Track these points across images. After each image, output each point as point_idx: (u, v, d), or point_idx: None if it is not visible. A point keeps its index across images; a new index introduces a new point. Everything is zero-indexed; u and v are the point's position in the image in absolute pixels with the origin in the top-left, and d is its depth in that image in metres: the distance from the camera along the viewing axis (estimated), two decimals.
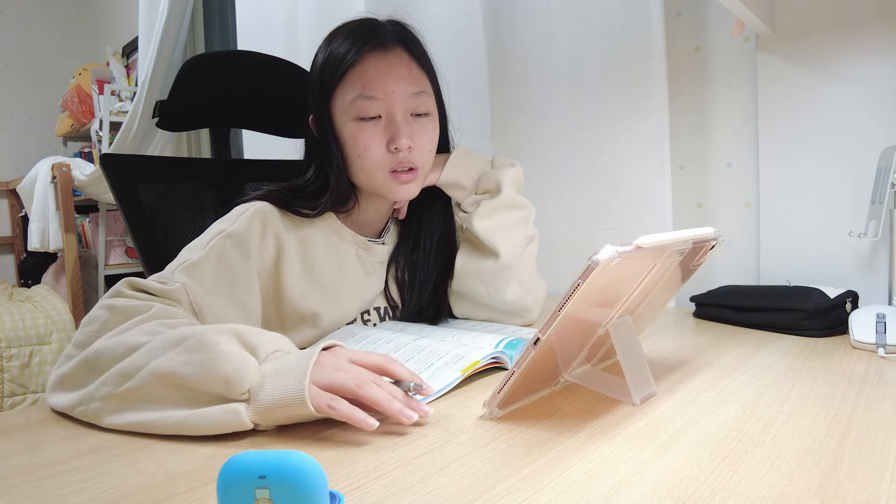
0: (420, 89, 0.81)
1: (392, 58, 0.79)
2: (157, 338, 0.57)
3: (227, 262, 0.73)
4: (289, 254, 0.79)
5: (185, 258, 0.72)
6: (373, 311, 0.90)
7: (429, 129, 0.82)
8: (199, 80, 1.10)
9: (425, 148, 0.82)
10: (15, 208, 3.24)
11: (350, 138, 0.80)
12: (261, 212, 0.78)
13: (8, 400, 2.11)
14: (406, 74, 0.80)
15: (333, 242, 0.85)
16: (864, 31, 0.94)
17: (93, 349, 0.59)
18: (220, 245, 0.73)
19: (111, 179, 0.99)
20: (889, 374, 0.65)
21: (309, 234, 0.82)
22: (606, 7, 1.15)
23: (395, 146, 0.78)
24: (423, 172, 0.83)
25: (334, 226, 0.85)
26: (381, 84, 0.78)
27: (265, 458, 0.32)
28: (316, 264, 0.82)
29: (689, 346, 0.80)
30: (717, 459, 0.45)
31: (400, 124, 0.78)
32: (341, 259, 0.85)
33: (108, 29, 3.37)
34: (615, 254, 0.46)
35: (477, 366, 0.65)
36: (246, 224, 0.76)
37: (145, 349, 0.56)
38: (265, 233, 0.77)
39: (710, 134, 1.14)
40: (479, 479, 0.43)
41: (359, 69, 0.78)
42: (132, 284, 0.67)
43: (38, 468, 0.47)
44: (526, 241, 0.92)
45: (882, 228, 0.86)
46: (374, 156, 0.79)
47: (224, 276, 0.73)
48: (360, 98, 0.78)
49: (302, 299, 0.80)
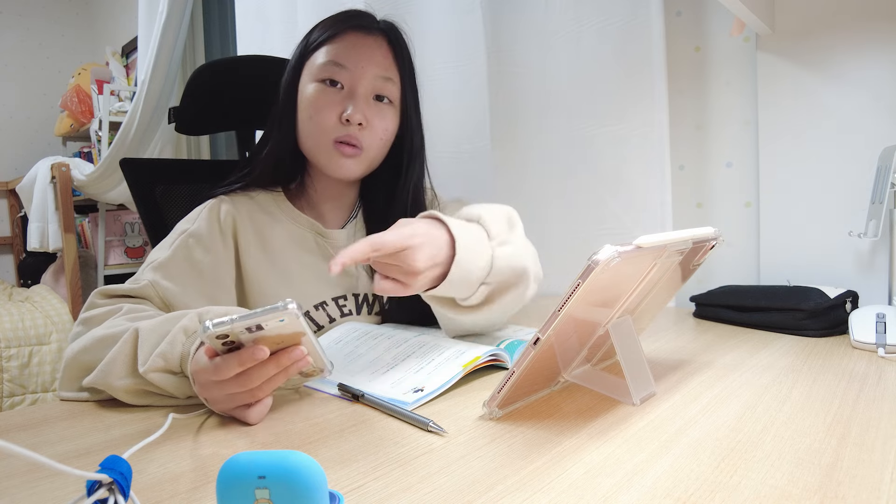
0: (389, 76, 0.83)
1: (371, 41, 0.83)
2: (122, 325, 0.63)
3: (191, 259, 0.78)
4: (246, 243, 0.83)
5: (152, 258, 0.77)
6: (350, 296, 0.88)
7: (386, 116, 0.84)
8: (217, 84, 1.12)
9: (377, 133, 0.83)
10: (14, 208, 3.24)
11: (308, 98, 0.82)
12: (215, 208, 0.83)
13: (7, 400, 2.11)
14: (379, 58, 0.83)
15: (291, 228, 0.87)
16: (864, 31, 0.94)
17: (70, 353, 0.64)
18: (183, 244, 0.78)
19: (130, 182, 1.03)
20: (889, 374, 0.65)
21: (265, 221, 0.85)
22: (606, 7, 1.15)
23: (347, 117, 0.80)
24: (367, 156, 0.84)
25: (289, 211, 0.88)
26: (355, 56, 0.81)
27: (265, 458, 0.32)
28: (275, 251, 0.84)
29: (689, 346, 0.80)
30: (717, 459, 0.45)
31: (359, 99, 0.81)
32: (298, 244, 0.87)
33: (107, 29, 3.37)
34: (615, 254, 0.46)
35: (478, 361, 0.65)
36: (205, 222, 0.81)
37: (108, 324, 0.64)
38: (223, 227, 0.82)
39: (710, 134, 1.14)
40: (479, 479, 0.43)
41: (337, 40, 0.83)
42: (104, 293, 0.72)
43: (38, 468, 0.47)
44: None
45: (882, 228, 0.86)
46: (324, 120, 0.81)
47: (190, 273, 0.77)
48: (331, 63, 0.82)
49: (264, 285, 0.82)
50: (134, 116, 2.07)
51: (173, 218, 1.00)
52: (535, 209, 1.30)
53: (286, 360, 0.53)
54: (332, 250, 0.88)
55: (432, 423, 0.52)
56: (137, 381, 0.59)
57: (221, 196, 0.85)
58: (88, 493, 0.33)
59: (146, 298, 0.73)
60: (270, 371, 0.53)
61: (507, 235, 0.69)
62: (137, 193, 1.03)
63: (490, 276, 0.67)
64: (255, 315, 0.49)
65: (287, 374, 0.55)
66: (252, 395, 0.54)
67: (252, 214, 0.85)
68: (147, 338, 0.59)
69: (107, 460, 0.34)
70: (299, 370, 0.55)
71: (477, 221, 0.69)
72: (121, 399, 0.61)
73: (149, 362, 0.57)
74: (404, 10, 1.40)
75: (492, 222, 0.69)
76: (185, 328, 0.59)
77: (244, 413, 0.55)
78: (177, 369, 0.58)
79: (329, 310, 0.86)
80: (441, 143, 1.42)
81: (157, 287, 0.73)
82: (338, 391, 0.62)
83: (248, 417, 0.55)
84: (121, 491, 0.33)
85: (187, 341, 0.58)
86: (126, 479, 0.34)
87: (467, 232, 0.65)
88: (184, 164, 1.43)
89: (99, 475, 0.33)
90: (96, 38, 3.49)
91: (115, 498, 0.33)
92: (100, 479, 0.33)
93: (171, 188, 1.06)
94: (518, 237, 0.71)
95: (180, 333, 0.59)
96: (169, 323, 0.61)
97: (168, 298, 0.73)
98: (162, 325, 0.61)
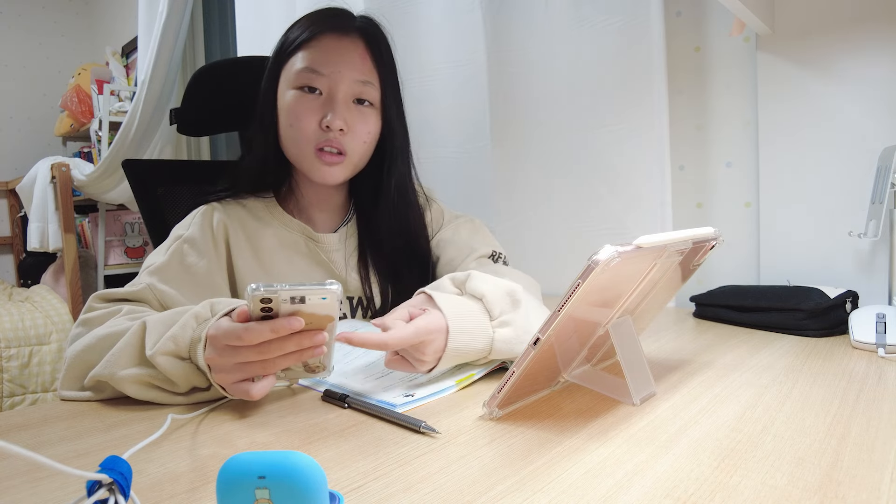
0: (367, 79, 0.82)
1: (347, 43, 0.82)
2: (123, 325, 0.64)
3: (186, 264, 0.78)
4: (238, 248, 0.83)
5: (149, 263, 0.78)
6: (344, 300, 0.89)
7: (368, 120, 0.84)
8: (219, 85, 1.12)
9: (360, 137, 0.83)
10: (14, 208, 3.24)
11: (287, 106, 0.82)
12: (207, 214, 0.84)
13: (7, 400, 2.11)
14: (357, 61, 0.82)
15: (282, 234, 0.87)
16: (864, 31, 0.94)
17: (72, 353, 0.64)
18: (178, 249, 0.79)
19: (133, 183, 1.04)
20: (889, 374, 0.65)
21: (256, 226, 0.86)
22: (606, 7, 1.15)
23: (328, 124, 0.79)
24: (351, 161, 0.83)
25: (280, 216, 0.88)
26: (332, 61, 0.80)
27: (265, 458, 0.32)
28: (267, 257, 0.85)
29: (689, 346, 0.80)
30: (717, 459, 0.45)
31: (338, 104, 0.80)
32: (290, 249, 0.87)
33: (107, 29, 3.37)
34: (615, 254, 0.46)
35: (473, 377, 0.65)
36: (198, 227, 0.82)
37: (111, 323, 0.65)
38: (215, 233, 0.82)
39: (710, 134, 1.14)
40: (479, 479, 0.43)
41: (312, 44, 0.82)
42: (102, 297, 0.73)
43: (38, 468, 0.47)
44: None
45: (882, 228, 0.86)
46: (304, 128, 0.81)
47: (185, 277, 0.77)
48: (307, 70, 0.81)
49: None
50: (134, 116, 2.07)
51: (176, 219, 1.00)
52: (535, 209, 1.30)
53: (308, 341, 0.53)
54: (324, 254, 0.88)
55: (424, 424, 0.52)
56: (143, 371, 0.59)
57: (214, 203, 0.86)
58: (89, 493, 0.33)
59: (144, 302, 0.73)
60: (290, 347, 0.53)
61: (510, 315, 0.66)
62: (140, 194, 1.04)
63: (491, 356, 0.66)
64: (303, 287, 0.51)
65: (301, 357, 0.55)
66: (263, 368, 0.55)
67: (243, 221, 0.85)
68: (155, 327, 0.60)
69: (107, 461, 0.34)
70: (313, 355, 0.55)
71: (480, 300, 0.66)
72: (124, 391, 0.61)
73: (158, 344, 0.58)
74: (404, 10, 1.41)
75: (494, 301, 0.66)
76: (196, 314, 0.60)
77: (247, 387, 0.55)
78: (185, 355, 0.58)
79: None
80: (441, 143, 1.42)
81: (154, 290, 0.73)
82: (326, 399, 0.61)
83: (251, 391, 0.55)
84: (121, 491, 0.33)
85: (198, 327, 0.58)
86: (126, 480, 0.34)
87: (465, 317, 0.63)
88: (186, 165, 1.43)
89: (99, 475, 0.33)
90: (96, 38, 3.49)
91: (116, 498, 0.33)
92: (100, 479, 0.33)
93: (173, 189, 1.06)
94: (521, 316, 0.66)
95: (192, 319, 0.59)
96: (178, 314, 0.61)
97: (165, 301, 0.73)
98: (171, 316, 0.62)
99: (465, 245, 0.90)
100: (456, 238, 0.92)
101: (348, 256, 0.91)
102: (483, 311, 0.65)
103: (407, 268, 0.90)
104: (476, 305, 0.65)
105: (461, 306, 0.64)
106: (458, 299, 0.65)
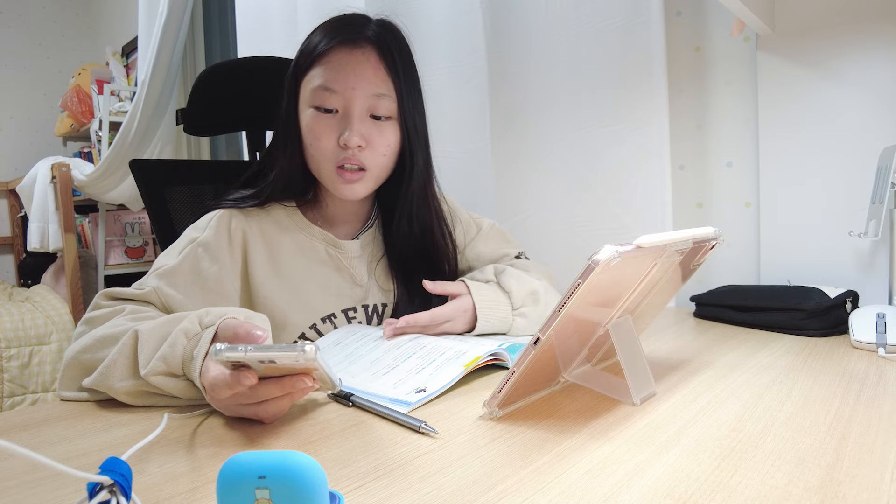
0: (382, 92, 0.80)
1: (359, 56, 0.80)
2: (123, 325, 0.64)
3: (198, 269, 0.77)
4: (256, 255, 0.82)
5: (160, 264, 0.77)
6: (360, 308, 0.88)
7: (386, 133, 0.81)
8: (224, 85, 1.12)
9: (379, 151, 0.81)
10: (15, 208, 3.24)
11: (306, 125, 0.81)
12: (225, 218, 0.82)
13: (8, 400, 2.11)
14: (370, 75, 0.79)
15: (302, 241, 0.86)
16: (864, 31, 0.94)
17: (70, 353, 0.65)
18: (192, 253, 0.78)
19: (140, 184, 1.03)
20: (889, 374, 0.65)
21: (276, 233, 0.85)
22: (606, 7, 1.15)
23: (345, 142, 0.78)
24: (372, 174, 0.82)
25: (301, 223, 0.87)
26: (343, 79, 0.79)
27: (265, 458, 0.32)
28: (283, 263, 0.84)
29: (689, 346, 0.80)
30: (717, 459, 0.45)
31: (354, 121, 0.79)
32: (310, 257, 0.86)
33: (107, 29, 3.37)
34: (615, 254, 0.46)
35: (479, 361, 0.65)
36: (214, 231, 0.80)
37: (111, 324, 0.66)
38: (232, 237, 0.81)
39: (710, 134, 1.14)
40: (479, 479, 0.43)
41: (326, 60, 0.80)
42: (108, 295, 0.72)
43: (38, 468, 0.47)
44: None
45: (882, 228, 0.86)
46: (323, 147, 0.80)
47: (195, 282, 0.76)
48: (321, 88, 0.79)
49: (271, 298, 0.82)
50: (134, 116, 2.07)
51: (182, 219, 0.99)
52: (535, 209, 1.30)
53: (290, 386, 0.52)
54: (345, 261, 0.88)
55: (424, 424, 0.52)
56: (138, 382, 0.59)
57: (232, 209, 0.84)
58: (90, 495, 0.33)
59: (150, 303, 0.73)
60: (274, 392, 0.52)
61: (529, 308, 0.85)
62: (147, 195, 1.03)
63: (510, 333, 0.84)
64: (270, 350, 0.47)
65: (292, 399, 0.54)
66: (262, 409, 0.53)
67: (263, 227, 0.84)
68: (147, 339, 0.59)
69: (106, 462, 0.34)
70: (304, 395, 0.55)
71: (508, 293, 0.85)
72: (122, 401, 0.61)
73: (150, 366, 0.57)
74: (404, 10, 1.40)
75: (518, 295, 0.85)
76: (185, 331, 0.59)
77: (258, 410, 0.54)
78: (178, 372, 0.58)
79: (338, 322, 0.86)
80: (441, 142, 1.42)
81: (160, 294, 0.73)
82: (331, 396, 0.62)
83: (262, 415, 0.54)
84: (122, 493, 0.33)
85: (188, 344, 0.58)
86: (127, 481, 0.34)
87: (492, 307, 0.83)
88: (192, 165, 1.43)
89: (100, 477, 0.33)
90: (96, 38, 3.49)
91: (118, 500, 0.33)
92: (101, 480, 0.33)
93: (181, 189, 1.06)
94: (537, 312, 0.86)
95: (181, 336, 0.58)
96: (169, 325, 0.60)
97: (170, 306, 0.73)
98: (162, 326, 0.61)
99: (499, 253, 0.99)
100: (486, 250, 0.99)
101: (369, 262, 0.91)
102: (507, 303, 0.84)
103: (428, 274, 0.89)
104: (503, 297, 0.85)
105: (492, 298, 0.84)
106: (491, 290, 0.84)
